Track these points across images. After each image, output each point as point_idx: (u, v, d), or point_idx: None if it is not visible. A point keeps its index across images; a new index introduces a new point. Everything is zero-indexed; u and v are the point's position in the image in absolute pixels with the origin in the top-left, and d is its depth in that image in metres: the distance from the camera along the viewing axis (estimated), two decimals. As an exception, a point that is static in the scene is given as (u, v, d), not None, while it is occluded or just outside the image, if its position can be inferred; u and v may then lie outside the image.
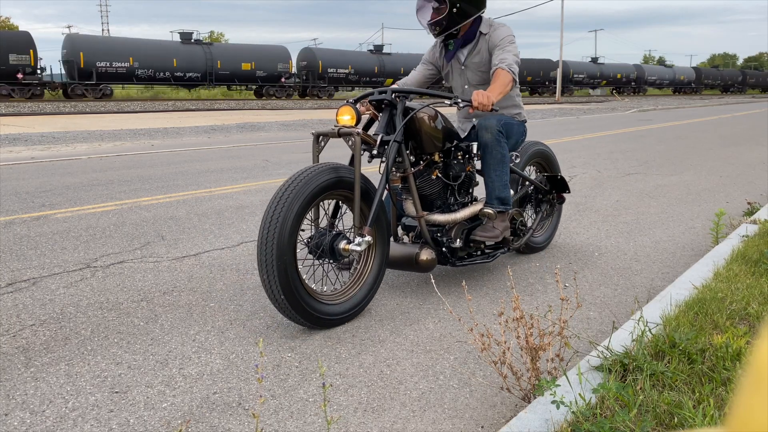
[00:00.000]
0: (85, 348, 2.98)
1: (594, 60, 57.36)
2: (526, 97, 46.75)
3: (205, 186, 7.45)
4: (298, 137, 14.38)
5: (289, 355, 2.92)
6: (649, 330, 2.60)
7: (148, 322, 3.31)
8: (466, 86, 3.99)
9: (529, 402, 2.30)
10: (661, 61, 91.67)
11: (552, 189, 4.77)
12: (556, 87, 49.44)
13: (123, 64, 31.82)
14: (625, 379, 2.31)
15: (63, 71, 32.25)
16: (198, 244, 4.87)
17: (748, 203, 5.96)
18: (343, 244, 3.16)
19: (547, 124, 19.74)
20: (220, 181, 7.83)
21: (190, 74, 34.26)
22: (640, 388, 2.19)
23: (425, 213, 3.64)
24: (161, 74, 33.33)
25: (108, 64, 31.26)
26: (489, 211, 3.79)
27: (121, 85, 34.99)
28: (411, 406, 2.46)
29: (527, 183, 4.49)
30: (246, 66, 35.78)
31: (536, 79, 49.61)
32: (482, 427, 2.32)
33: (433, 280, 3.19)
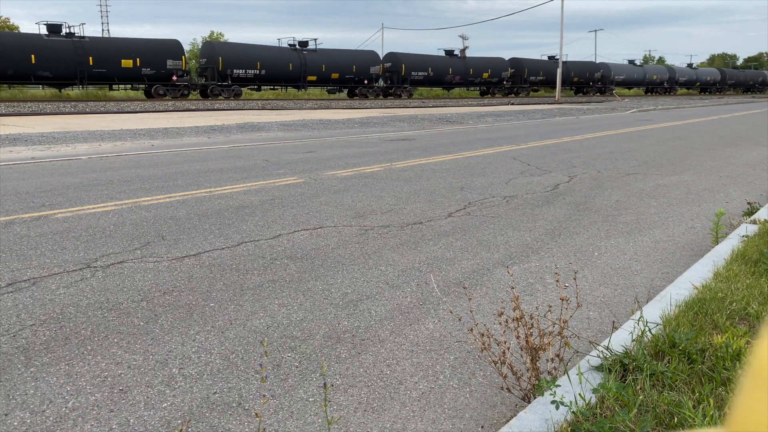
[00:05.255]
0: (85, 348, 2.98)
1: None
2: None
3: (205, 186, 7.45)
4: (298, 137, 14.38)
5: (289, 355, 2.92)
6: (649, 330, 2.60)
7: (148, 322, 3.31)
8: None
9: (529, 402, 2.30)
10: (661, 61, 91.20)
11: None
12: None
13: (-36, 60, 26.32)
14: (625, 379, 2.31)
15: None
16: (198, 244, 4.87)
17: (748, 203, 5.96)
18: None
19: (547, 124, 19.74)
20: (220, 181, 7.83)
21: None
22: (640, 388, 2.19)
23: None
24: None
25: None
26: None
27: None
28: (411, 406, 2.46)
29: None
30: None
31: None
32: (482, 427, 2.32)
33: (433, 281, 3.20)
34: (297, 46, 37.76)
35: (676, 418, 2.04)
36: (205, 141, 13.48)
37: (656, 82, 61.33)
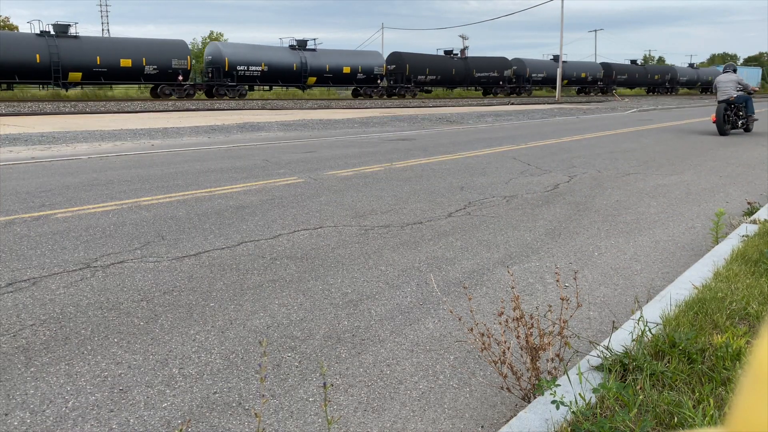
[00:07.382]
0: (85, 348, 2.98)
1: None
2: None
3: (205, 186, 7.45)
4: (298, 137, 14.38)
5: (289, 355, 2.92)
6: (649, 330, 2.60)
7: (148, 322, 3.31)
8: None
9: (529, 402, 2.30)
10: (661, 61, 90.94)
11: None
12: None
13: None
14: (625, 379, 2.31)
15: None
16: (198, 244, 4.87)
17: (748, 203, 5.96)
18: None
19: (546, 124, 19.74)
20: (220, 180, 7.83)
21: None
22: (640, 388, 2.19)
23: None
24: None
25: None
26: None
27: None
28: (411, 406, 2.46)
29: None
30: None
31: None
32: (482, 427, 2.32)
33: (433, 280, 3.20)
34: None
35: (676, 418, 2.04)
36: (205, 141, 13.48)
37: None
